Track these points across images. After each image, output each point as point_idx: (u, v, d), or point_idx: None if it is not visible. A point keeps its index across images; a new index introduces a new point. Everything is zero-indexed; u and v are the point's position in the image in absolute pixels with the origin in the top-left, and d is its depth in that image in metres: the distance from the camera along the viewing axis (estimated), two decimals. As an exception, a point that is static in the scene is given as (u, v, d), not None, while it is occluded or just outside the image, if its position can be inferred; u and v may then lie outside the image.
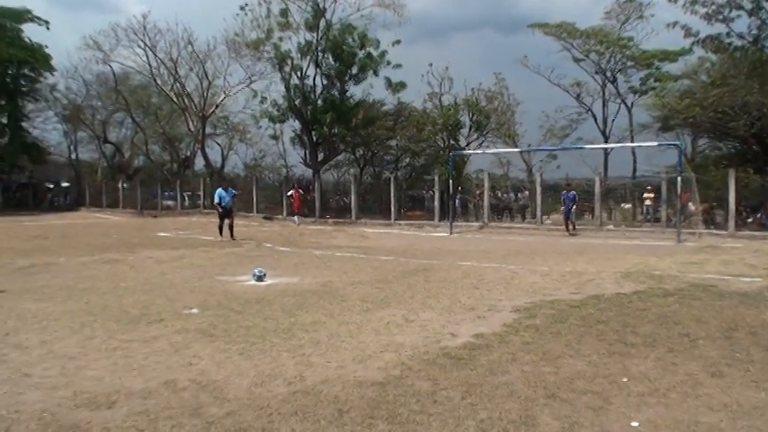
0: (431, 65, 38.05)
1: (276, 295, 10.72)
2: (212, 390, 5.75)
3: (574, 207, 24.85)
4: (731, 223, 23.01)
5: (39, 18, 48.30)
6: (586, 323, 8.27)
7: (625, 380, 5.93)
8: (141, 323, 8.60)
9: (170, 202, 43.55)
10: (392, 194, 31.39)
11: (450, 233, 25.80)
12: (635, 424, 4.89)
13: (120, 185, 46.87)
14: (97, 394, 5.67)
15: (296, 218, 31.68)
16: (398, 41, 36.39)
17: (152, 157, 52.21)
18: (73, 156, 56.10)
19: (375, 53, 35.85)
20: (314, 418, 5.01)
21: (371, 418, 4.99)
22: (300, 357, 6.78)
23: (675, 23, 28.85)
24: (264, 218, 34.67)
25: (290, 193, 32.18)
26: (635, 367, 6.32)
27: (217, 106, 43.04)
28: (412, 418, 5.00)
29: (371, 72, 36.26)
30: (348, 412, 5.13)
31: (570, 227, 24.84)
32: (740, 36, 27.76)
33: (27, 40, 47.87)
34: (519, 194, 35.45)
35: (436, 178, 31.13)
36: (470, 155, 35.96)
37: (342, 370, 6.31)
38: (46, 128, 54.19)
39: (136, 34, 40.75)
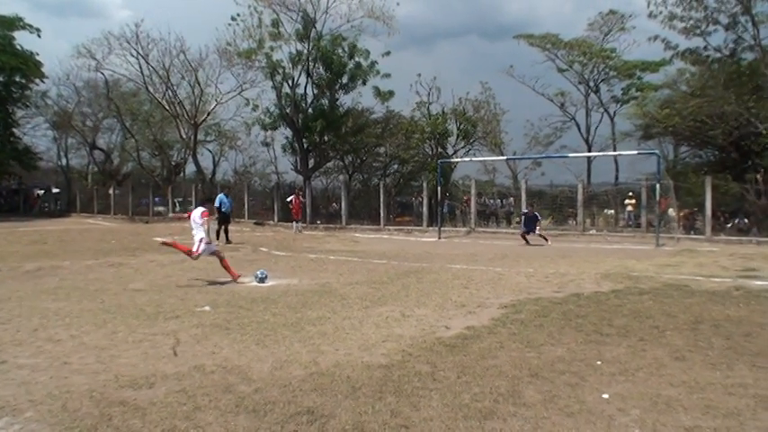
0: (419, 75, 39.15)
1: (279, 295, 11.48)
2: (238, 373, 6.53)
3: (537, 227, 23.85)
4: (708, 228, 23.95)
5: (30, 25, 48.72)
6: (567, 317, 9.13)
7: (599, 363, 6.79)
8: (159, 319, 9.33)
9: (161, 208, 43.92)
10: (381, 200, 32.11)
11: (439, 238, 26.58)
12: (605, 396, 5.75)
13: (111, 191, 47.22)
14: (136, 377, 6.41)
15: (297, 224, 30.72)
16: (388, 53, 37.21)
17: (142, 163, 52.54)
18: (62, 162, 56.57)
19: (365, 63, 36.57)
20: (331, 393, 5.82)
21: (381, 393, 5.81)
22: (311, 346, 7.57)
23: (656, 37, 29.99)
24: (256, 223, 35.25)
25: (289, 199, 31.53)
26: (608, 353, 7.19)
27: (208, 114, 43.43)
28: (415, 392, 5.83)
29: (361, 81, 36.93)
30: (360, 389, 5.94)
31: (525, 238, 23.37)
32: (717, 49, 28.86)
33: (19, 47, 48.22)
34: (504, 201, 36.20)
35: (424, 185, 31.87)
36: (458, 162, 36.81)
37: (350, 356, 7.11)
38: (35, 134, 54.68)
39: (129, 43, 41.21)
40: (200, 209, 13.89)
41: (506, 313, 9.48)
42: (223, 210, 23.48)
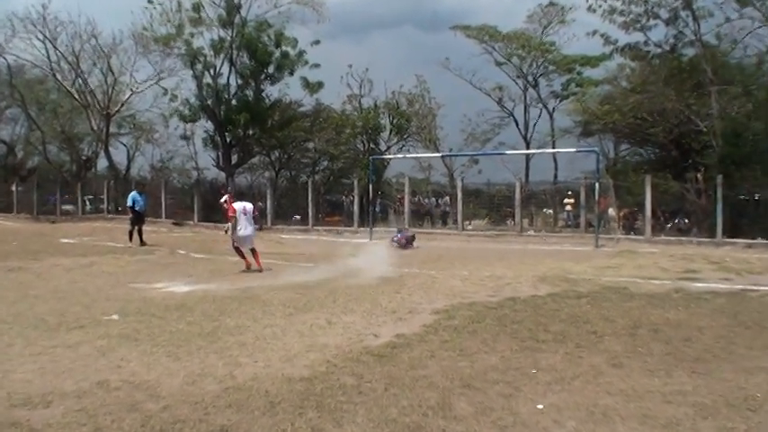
0: (350, 66, 38.98)
1: (196, 301, 11.23)
2: (145, 388, 6.30)
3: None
4: (648, 228, 24.57)
5: None
6: (502, 323, 9.18)
7: (534, 371, 6.82)
8: (61, 330, 8.97)
9: (69, 207, 42.74)
10: (309, 199, 31.84)
11: (371, 239, 26.54)
12: (540, 407, 5.76)
13: (14, 188, 45.69)
14: (31, 395, 6.11)
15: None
16: (317, 42, 37.02)
17: (49, 157, 50.89)
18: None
19: (292, 52, 36.30)
20: (248, 410, 5.66)
21: (301, 408, 5.68)
22: (228, 358, 7.38)
23: (596, 32, 30.65)
24: (174, 224, 34.52)
25: (223, 200, 30.65)
26: (544, 360, 7.23)
27: (122, 104, 42.40)
28: (339, 406, 5.72)
29: (288, 72, 36.65)
30: (279, 404, 5.80)
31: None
32: (658, 45, 29.63)
33: None
34: (440, 200, 36.45)
35: (355, 182, 31.79)
36: (391, 159, 36.90)
37: (270, 368, 6.96)
38: None
39: (34, 25, 39.81)
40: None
41: (439, 319, 9.48)
42: (136, 209, 22.94)
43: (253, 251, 16.29)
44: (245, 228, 16.25)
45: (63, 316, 9.99)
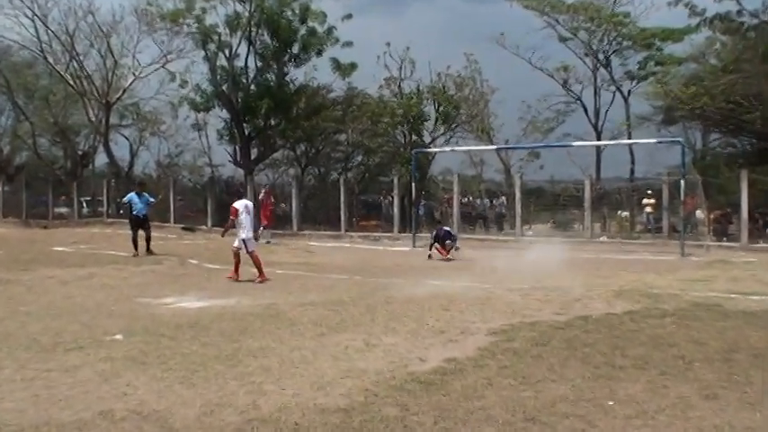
0: (388, 44, 38.94)
1: (212, 319, 11.35)
2: (155, 420, 6.39)
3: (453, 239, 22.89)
4: (744, 234, 24.19)
5: None
6: (571, 346, 9.12)
7: (611, 403, 6.77)
8: (57, 351, 9.14)
9: (64, 210, 43.35)
10: (342, 200, 31.94)
11: (414, 246, 26.54)
12: (618, 445, 5.72)
13: (0, 188, 46.46)
14: (24, 427, 6.24)
15: (266, 232, 29.47)
16: (349, 16, 37.07)
17: (40, 152, 51.67)
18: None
19: (320, 29, 36.38)
20: (274, 445, 5.72)
21: (337, 444, 5.72)
22: (251, 385, 7.45)
23: (678, 0, 30.17)
24: (184, 229, 34.80)
25: (261, 196, 30.42)
26: (622, 390, 7.18)
27: (124, 91, 42.91)
28: (381, 443, 5.75)
29: (315, 51, 36.73)
30: (311, 439, 5.85)
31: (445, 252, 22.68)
32: (754, 14, 29.09)
33: None
34: (495, 200, 36.29)
35: (395, 180, 31.86)
36: (437, 153, 36.84)
37: (299, 397, 7.01)
38: None
39: (22, 1, 40.56)
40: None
41: (496, 341, 9.45)
42: (134, 212, 23.09)
43: (254, 258, 16.84)
44: (248, 230, 16.93)
45: (59, 335, 10.17)
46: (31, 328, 10.86)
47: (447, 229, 23.71)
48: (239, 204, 17.10)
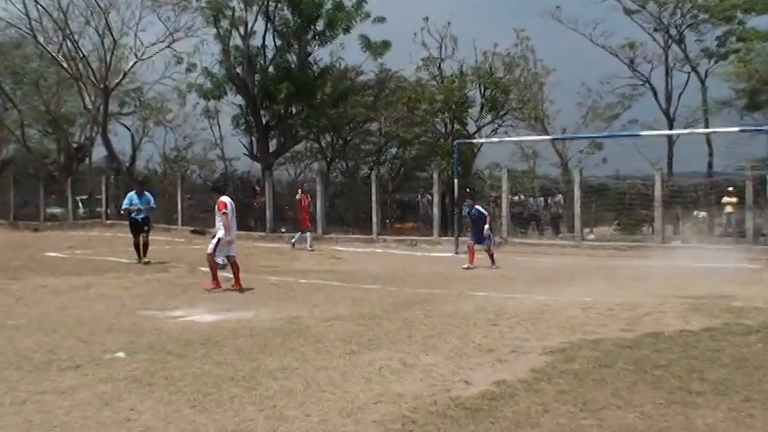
0: (426, 19, 38.92)
1: (226, 335, 11.41)
2: (163, 449, 6.46)
3: (486, 227, 22.73)
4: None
5: None
6: (640, 368, 9.06)
7: (687, 434, 6.73)
8: (51, 371, 9.22)
9: (57, 210, 43.72)
10: (373, 199, 31.96)
11: (456, 252, 26.53)
12: (697, 483, 5.69)
13: (-17, 186, 46.93)
14: (15, 457, 6.35)
15: (308, 237, 29.35)
16: (381, -15, 37.17)
17: (30, 144, 52.13)
18: None
19: (348, 2, 36.54)
20: (299, 479, 5.76)
21: (371, 479, 5.75)
22: (271, 410, 7.48)
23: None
24: (194, 231, 34.95)
25: (298, 197, 30.31)
26: (700, 419, 7.12)
27: (124, 74, 43.32)
28: (421, 478, 5.76)
29: (343, 28, 36.84)
30: (342, 472, 5.88)
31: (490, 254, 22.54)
32: None
33: None
34: (550, 199, 36.15)
35: (435, 176, 31.81)
36: (482, 144, 36.79)
37: (326, 425, 7.03)
38: None
39: (8, -27, 41.04)
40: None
41: (553, 362, 9.43)
42: (133, 215, 23.14)
43: (233, 264, 16.99)
44: (232, 230, 17.07)
45: (53, 353, 10.24)
46: (22, 344, 10.94)
47: (480, 209, 23.26)
48: (227, 199, 17.26)
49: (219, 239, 16.77)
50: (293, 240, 29.49)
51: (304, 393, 8.09)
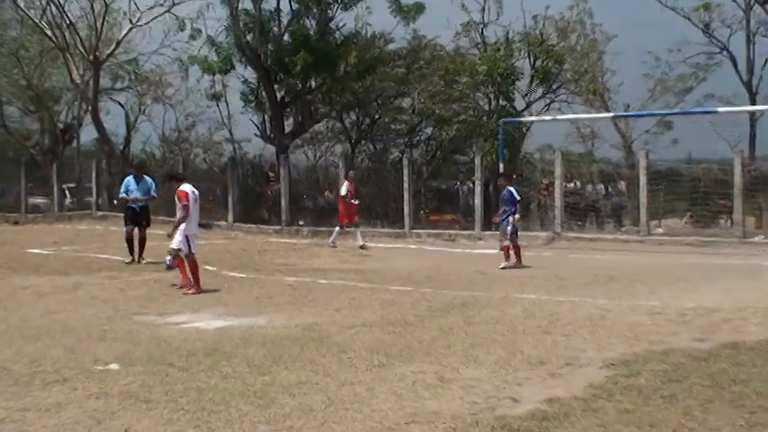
0: (466, -23, 38.80)
1: (235, 344, 11.44)
2: (163, 475, 6.50)
3: (515, 216, 22.28)
4: None
5: None
6: (716, 383, 9.01)
7: (771, 461, 6.69)
8: (34, 385, 9.28)
9: (40, 200, 43.97)
10: (405, 187, 31.91)
11: (501, 249, 26.45)
12: None
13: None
14: (-5, 484, 6.40)
15: (356, 232, 28.61)
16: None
17: (9, 125, 52.32)
18: None
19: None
20: None
21: None
22: (287, 431, 7.51)
23: None
24: (198, 225, 35.03)
25: (344, 191, 29.19)
26: (788, 444, 7.09)
27: (118, 44, 43.39)
28: None
29: (369, -11, 36.88)
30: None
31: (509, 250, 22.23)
32: None
33: None
34: (611, 187, 35.98)
35: (477, 161, 31.76)
36: (532, 123, 36.67)
37: (352, 448, 7.07)
38: None
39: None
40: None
41: (614, 376, 9.40)
42: (131, 205, 23.06)
43: (193, 262, 17.18)
44: (195, 222, 17.53)
45: (36, 364, 10.30)
46: (2, 353, 11.03)
47: (513, 191, 22.30)
48: (188, 188, 17.45)
49: (187, 236, 17.02)
50: (361, 240, 27.94)
51: (325, 412, 8.10)
